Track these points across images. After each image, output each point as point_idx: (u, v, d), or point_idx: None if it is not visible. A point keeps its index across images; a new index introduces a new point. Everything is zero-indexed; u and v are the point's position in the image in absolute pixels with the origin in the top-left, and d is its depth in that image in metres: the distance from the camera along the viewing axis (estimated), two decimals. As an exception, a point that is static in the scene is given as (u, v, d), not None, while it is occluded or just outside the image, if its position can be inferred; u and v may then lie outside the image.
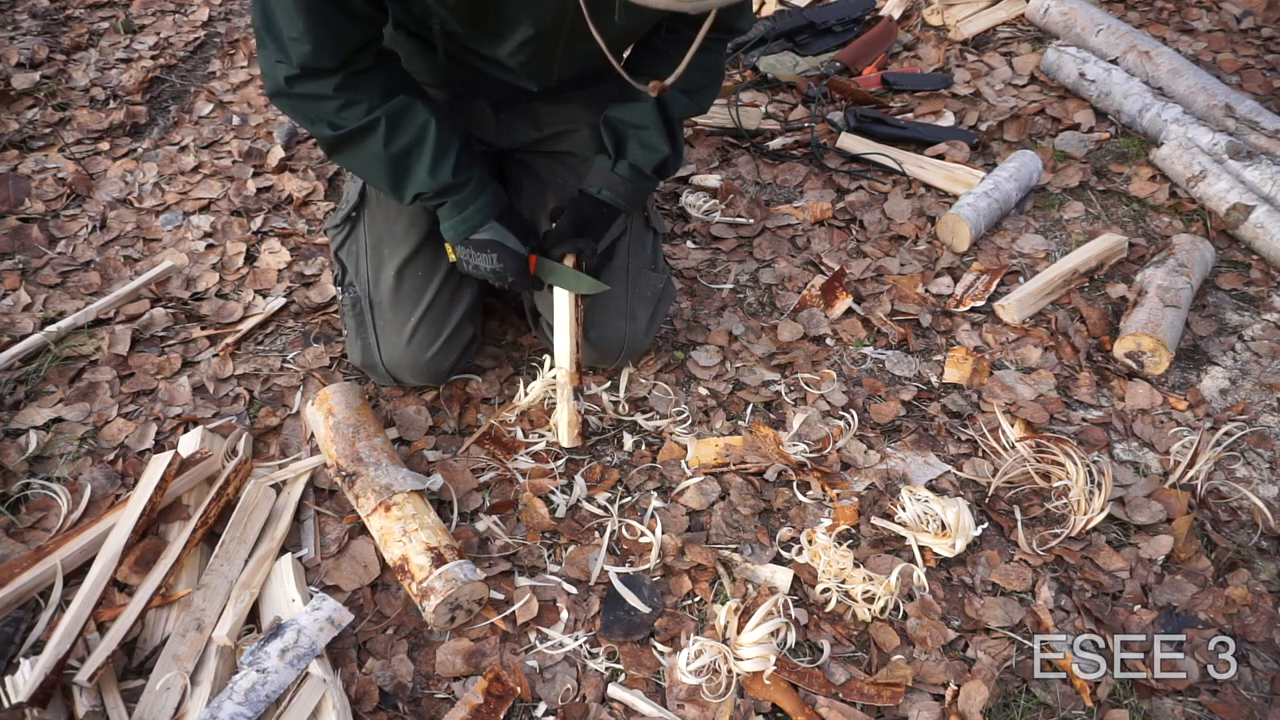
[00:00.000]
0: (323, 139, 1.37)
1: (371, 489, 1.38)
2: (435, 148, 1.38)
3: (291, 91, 1.30)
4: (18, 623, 1.25)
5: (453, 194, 1.42)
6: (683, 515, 1.49)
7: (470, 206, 1.44)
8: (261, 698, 1.16)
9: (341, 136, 1.34)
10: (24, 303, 1.80)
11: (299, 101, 1.33)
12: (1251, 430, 1.67)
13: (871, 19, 2.83)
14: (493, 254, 1.46)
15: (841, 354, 1.80)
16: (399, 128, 1.36)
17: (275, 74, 1.29)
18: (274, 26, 1.25)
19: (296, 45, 1.24)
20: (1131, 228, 2.14)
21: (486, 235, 1.46)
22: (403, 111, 1.37)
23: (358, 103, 1.33)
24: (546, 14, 1.30)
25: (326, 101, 1.32)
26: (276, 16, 1.23)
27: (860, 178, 2.25)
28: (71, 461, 1.51)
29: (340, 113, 1.33)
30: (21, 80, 2.41)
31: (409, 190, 1.41)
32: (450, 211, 1.44)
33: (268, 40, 1.27)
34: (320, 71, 1.28)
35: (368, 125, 1.34)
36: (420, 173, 1.39)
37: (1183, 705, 1.28)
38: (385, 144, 1.35)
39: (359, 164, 1.41)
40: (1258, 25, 2.78)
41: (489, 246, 1.46)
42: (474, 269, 1.49)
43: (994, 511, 1.52)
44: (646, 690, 1.27)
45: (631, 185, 1.56)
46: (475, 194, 1.44)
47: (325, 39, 1.24)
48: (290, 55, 1.25)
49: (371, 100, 1.34)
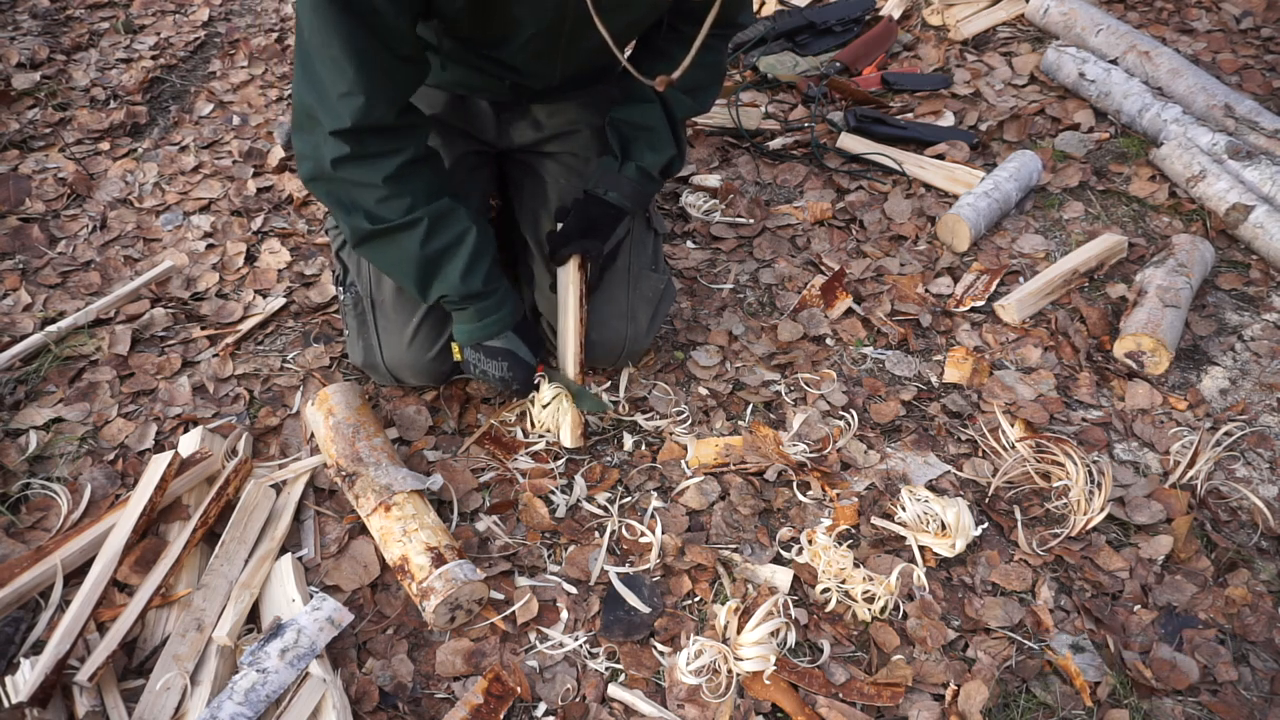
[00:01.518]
0: (356, 230, 1.32)
1: (371, 489, 1.38)
2: (472, 254, 1.37)
3: (336, 175, 1.25)
4: (18, 623, 1.25)
5: (479, 301, 1.42)
6: (683, 515, 1.49)
7: (492, 315, 1.44)
8: (261, 698, 1.16)
9: (378, 230, 1.31)
10: (24, 303, 1.80)
11: (341, 187, 1.28)
12: (1251, 430, 1.67)
13: (871, 19, 2.83)
14: (504, 362, 1.47)
15: (841, 354, 1.80)
16: (439, 230, 1.34)
17: (320, 156, 1.24)
18: (321, 90, 1.20)
19: (348, 101, 1.19)
20: (1131, 228, 2.14)
21: (500, 344, 1.47)
22: (446, 214, 1.35)
23: (401, 197, 1.29)
24: (549, 12, 1.30)
25: (370, 190, 1.28)
26: (323, 76, 1.19)
27: (860, 178, 2.25)
28: (71, 461, 1.51)
29: (381, 204, 1.29)
30: (22, 80, 2.41)
31: (435, 291, 1.40)
32: (471, 317, 1.44)
33: (316, 108, 1.21)
34: (375, 134, 1.24)
35: (409, 223, 1.31)
36: (451, 276, 1.37)
37: (1183, 705, 1.28)
38: (422, 244, 1.33)
39: (388, 260, 1.38)
40: (1257, 25, 2.78)
41: (501, 355, 1.46)
42: (480, 373, 1.50)
43: (994, 511, 1.52)
44: (646, 690, 1.27)
45: (638, 187, 1.56)
46: (499, 304, 1.44)
47: (376, 86, 1.20)
48: (343, 114, 1.20)
49: (415, 198, 1.31)
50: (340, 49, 1.17)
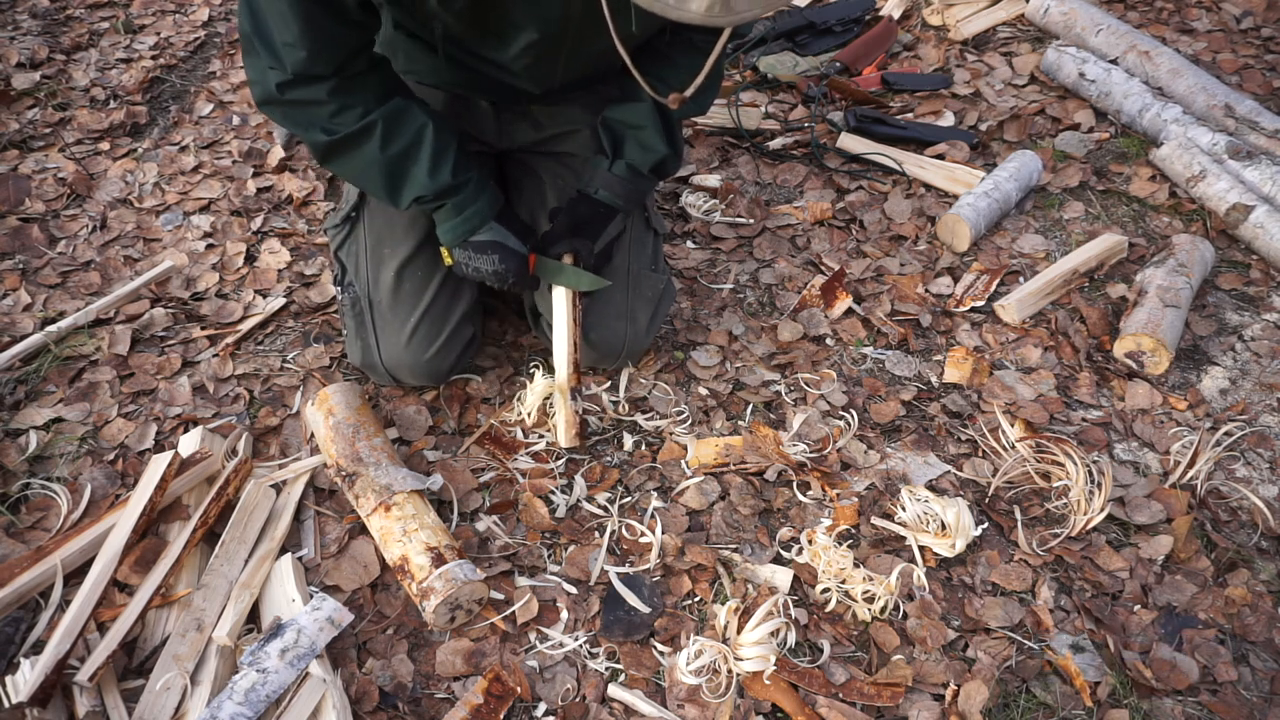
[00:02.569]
0: (316, 145, 1.35)
1: (371, 489, 1.38)
2: (433, 149, 1.37)
3: (283, 98, 1.28)
4: (18, 623, 1.25)
5: (452, 195, 1.41)
6: (683, 515, 1.49)
7: (470, 208, 1.43)
8: (261, 698, 1.16)
9: (336, 141, 1.33)
10: (24, 303, 1.80)
11: (291, 108, 1.31)
12: (1251, 430, 1.67)
13: (871, 19, 2.83)
14: (493, 255, 1.45)
15: (841, 354, 1.80)
16: (396, 130, 1.35)
17: (265, 81, 1.27)
18: (265, 32, 1.23)
19: (290, 51, 1.22)
20: (1131, 228, 2.14)
21: (486, 236, 1.45)
22: (399, 114, 1.35)
23: (352, 107, 1.31)
24: (551, 18, 1.30)
25: (320, 107, 1.30)
26: (268, 22, 1.22)
27: (860, 178, 2.25)
28: (71, 461, 1.51)
29: (334, 118, 1.31)
30: (21, 80, 2.41)
31: (407, 194, 1.39)
32: (449, 214, 1.43)
33: (258, 47, 1.24)
34: (314, 78, 1.27)
35: (363, 129, 1.32)
36: (419, 175, 1.37)
37: (1183, 705, 1.28)
38: (382, 147, 1.34)
39: (354, 170, 1.39)
40: (1258, 25, 2.78)
41: (489, 247, 1.45)
42: (473, 271, 1.47)
43: (994, 511, 1.52)
44: (646, 690, 1.27)
45: (629, 185, 1.55)
46: (474, 195, 1.43)
47: (320, 45, 1.23)
48: (284, 60, 1.23)
49: (366, 104, 1.32)
50: (287, 5, 1.19)
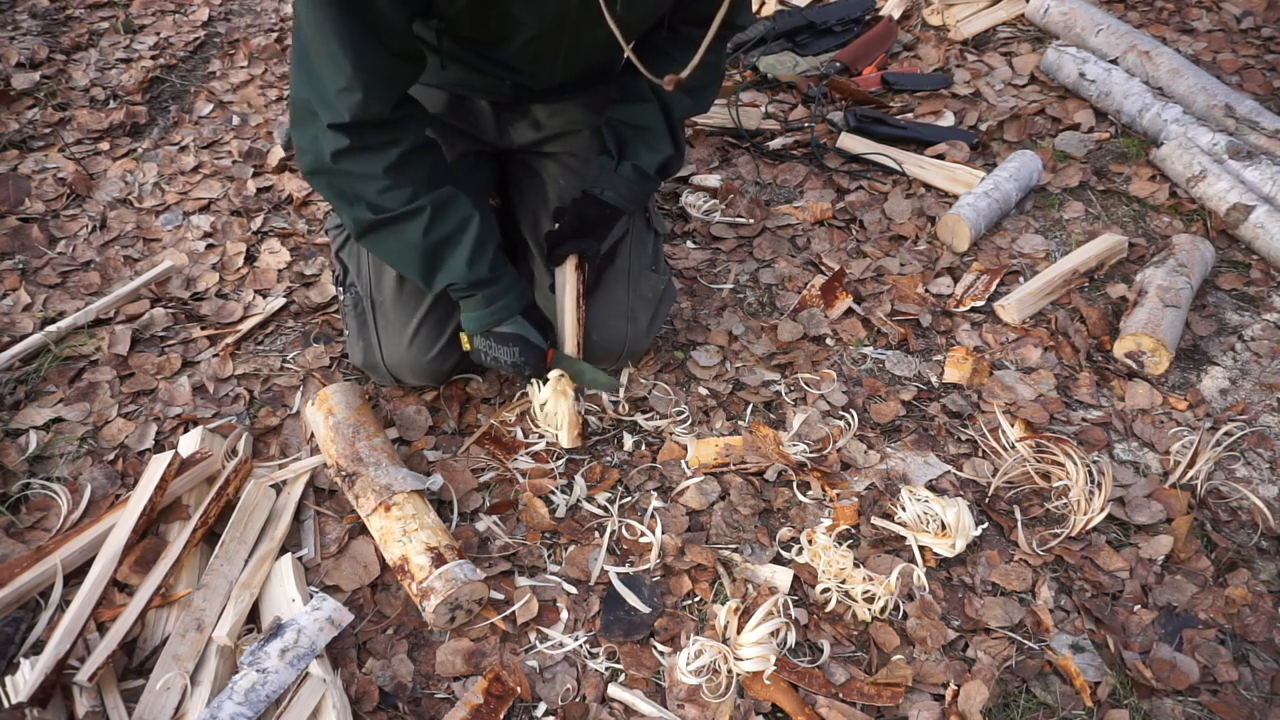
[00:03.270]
0: (358, 221, 1.33)
1: (371, 489, 1.38)
2: (476, 241, 1.37)
3: (336, 167, 1.27)
4: (18, 623, 1.25)
5: (486, 288, 1.42)
6: (683, 515, 1.49)
7: (500, 301, 1.44)
8: (261, 698, 1.16)
9: (380, 220, 1.32)
10: (24, 303, 1.80)
11: (341, 179, 1.29)
12: (1251, 430, 1.67)
13: (871, 19, 2.83)
14: (514, 347, 1.46)
15: (841, 354, 1.80)
16: (442, 218, 1.35)
17: (319, 149, 1.26)
18: (319, 86, 1.21)
19: (346, 96, 1.21)
20: (1131, 228, 2.14)
21: (510, 329, 1.46)
22: (448, 202, 1.35)
23: (402, 187, 1.30)
24: (549, 13, 1.30)
25: (372, 182, 1.29)
26: (321, 72, 1.20)
27: (860, 178, 2.25)
28: (71, 461, 1.51)
29: (383, 194, 1.30)
30: (21, 80, 2.41)
31: (441, 280, 1.40)
32: (479, 304, 1.44)
33: (314, 103, 1.23)
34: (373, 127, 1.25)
35: (411, 212, 1.32)
36: (457, 264, 1.38)
37: (1183, 705, 1.28)
38: (425, 233, 1.34)
39: (391, 249, 1.39)
40: (1258, 25, 2.78)
41: (512, 340, 1.46)
42: (491, 360, 1.49)
43: (994, 511, 1.52)
44: (646, 690, 1.27)
45: (634, 186, 1.56)
46: (506, 289, 1.44)
47: (373, 81, 1.21)
48: (340, 109, 1.21)
49: (417, 187, 1.32)
50: (338, 45, 1.17)
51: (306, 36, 1.20)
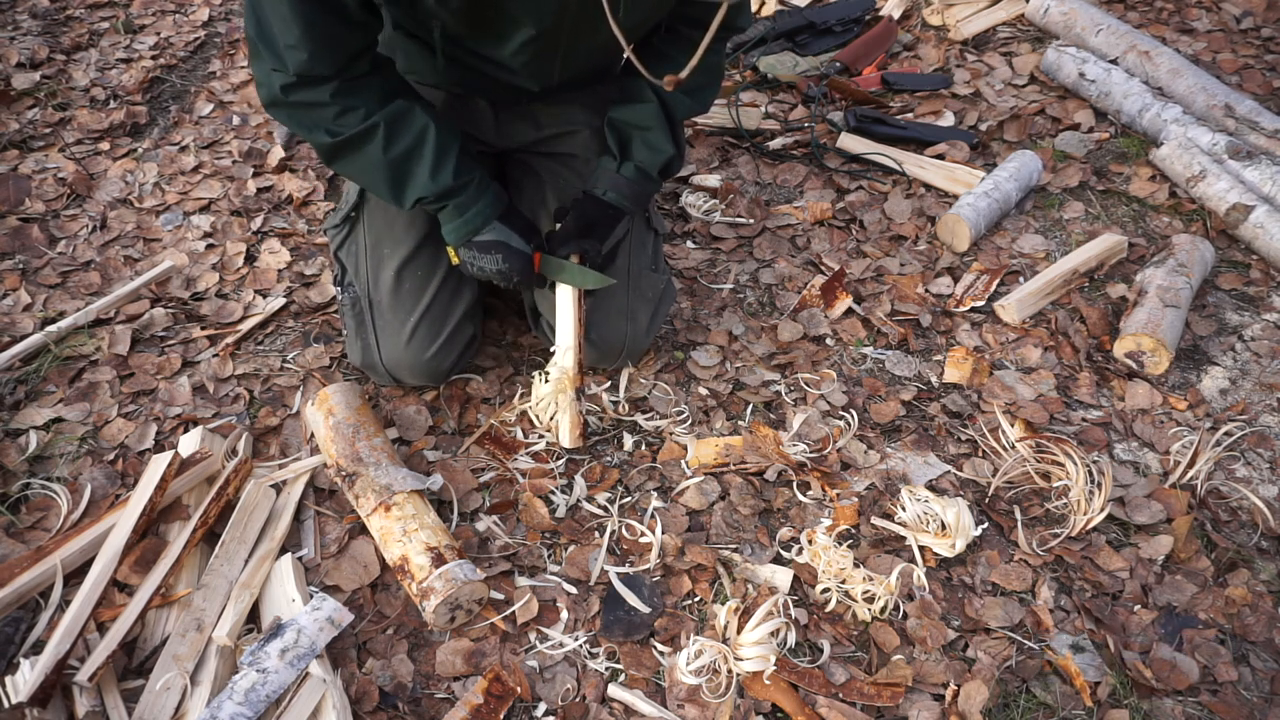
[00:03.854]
0: (321, 147, 1.36)
1: (371, 489, 1.38)
2: (436, 151, 1.37)
3: (288, 100, 1.29)
4: (18, 623, 1.25)
5: (454, 196, 1.41)
6: (683, 515, 1.49)
7: (472, 208, 1.43)
8: (261, 698, 1.16)
9: (340, 143, 1.34)
10: (24, 303, 1.80)
11: (295, 110, 1.32)
12: (1251, 430, 1.67)
13: (871, 19, 2.83)
14: (498, 254, 1.45)
15: (841, 354, 1.80)
16: (398, 132, 1.36)
17: (271, 83, 1.28)
18: (268, 35, 1.24)
19: (293, 53, 1.23)
20: (1131, 228, 2.14)
21: (490, 236, 1.46)
22: (401, 116, 1.36)
23: (355, 109, 1.32)
24: (548, 13, 1.30)
25: (323, 109, 1.31)
26: (271, 24, 1.22)
27: (860, 178, 2.25)
28: (71, 461, 1.51)
29: (338, 119, 1.32)
30: (21, 80, 2.41)
31: (410, 195, 1.40)
32: (452, 214, 1.43)
33: (262, 49, 1.25)
34: (317, 79, 1.28)
35: (366, 130, 1.33)
36: (421, 176, 1.38)
37: (1183, 705, 1.28)
38: (385, 149, 1.35)
39: (358, 170, 1.40)
40: (1258, 25, 2.78)
41: (493, 247, 1.45)
42: (478, 270, 1.48)
43: (994, 511, 1.52)
44: (646, 690, 1.27)
45: (636, 186, 1.56)
46: (477, 195, 1.43)
47: (321, 46, 1.23)
48: (286, 63, 1.24)
49: (369, 106, 1.33)
50: (288, 8, 1.20)
51: None
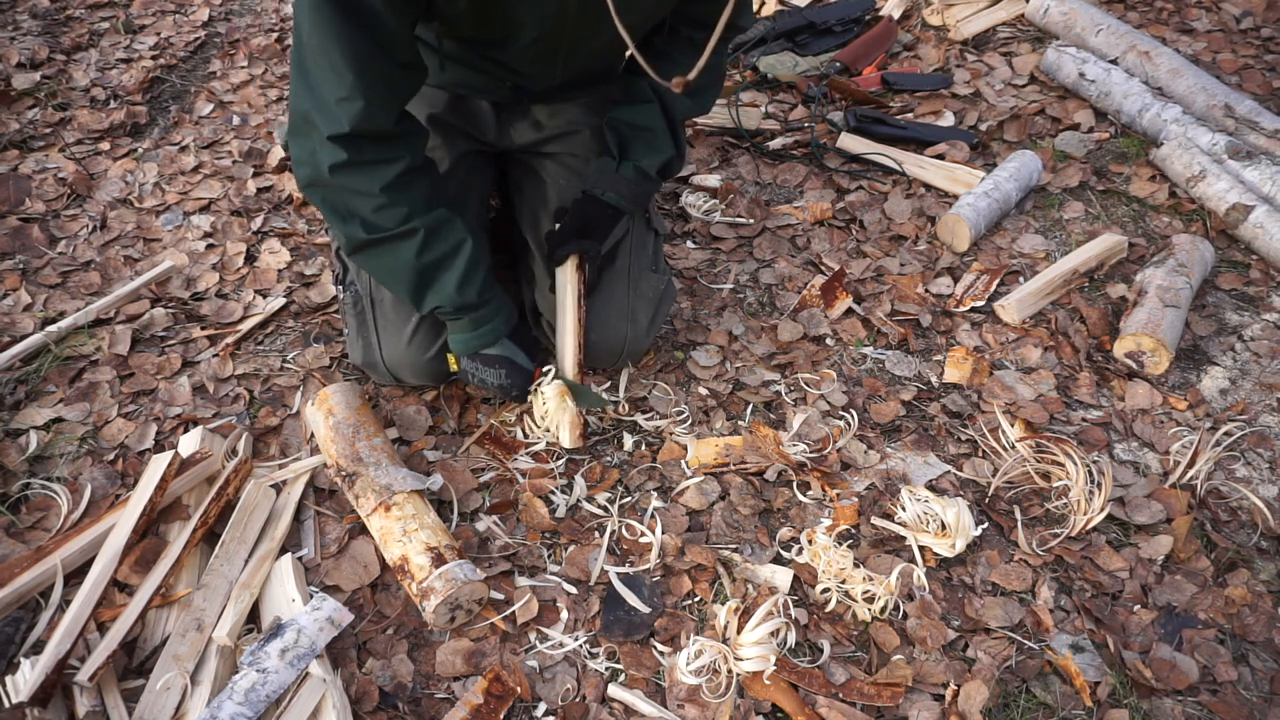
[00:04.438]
0: (351, 238, 1.32)
1: (371, 489, 1.38)
2: (467, 266, 1.38)
3: (333, 181, 1.25)
4: (18, 623, 1.25)
5: (473, 312, 1.42)
6: (683, 515, 1.49)
7: (487, 325, 1.44)
8: (261, 698, 1.16)
9: (374, 239, 1.32)
10: (24, 303, 1.80)
11: (338, 194, 1.28)
12: (1251, 430, 1.67)
13: (871, 19, 2.83)
14: (501, 369, 1.47)
15: (841, 354, 1.80)
16: (435, 241, 1.35)
17: (316, 162, 1.24)
18: (318, 95, 1.20)
19: (346, 106, 1.19)
20: (1131, 228, 2.14)
21: (496, 351, 1.47)
22: (442, 225, 1.36)
23: (398, 206, 1.30)
24: (549, 15, 1.30)
25: (368, 199, 1.28)
26: (320, 80, 1.19)
27: (860, 178, 2.25)
28: (71, 461, 1.51)
29: (377, 213, 1.30)
30: (22, 80, 2.41)
31: (430, 302, 1.40)
32: (466, 327, 1.44)
33: (313, 116, 1.21)
34: (372, 141, 1.24)
35: (405, 233, 1.32)
36: (447, 288, 1.38)
37: (1183, 705, 1.28)
38: (418, 254, 1.34)
39: (382, 267, 1.39)
40: (1258, 25, 2.78)
41: (498, 362, 1.47)
42: (478, 381, 1.49)
43: (994, 511, 1.52)
44: (646, 690, 1.27)
45: (636, 187, 1.56)
46: (494, 313, 1.45)
47: (375, 92, 1.20)
48: (341, 120, 1.20)
49: (413, 207, 1.31)
50: (339, 55, 1.17)
51: (306, 45, 1.19)
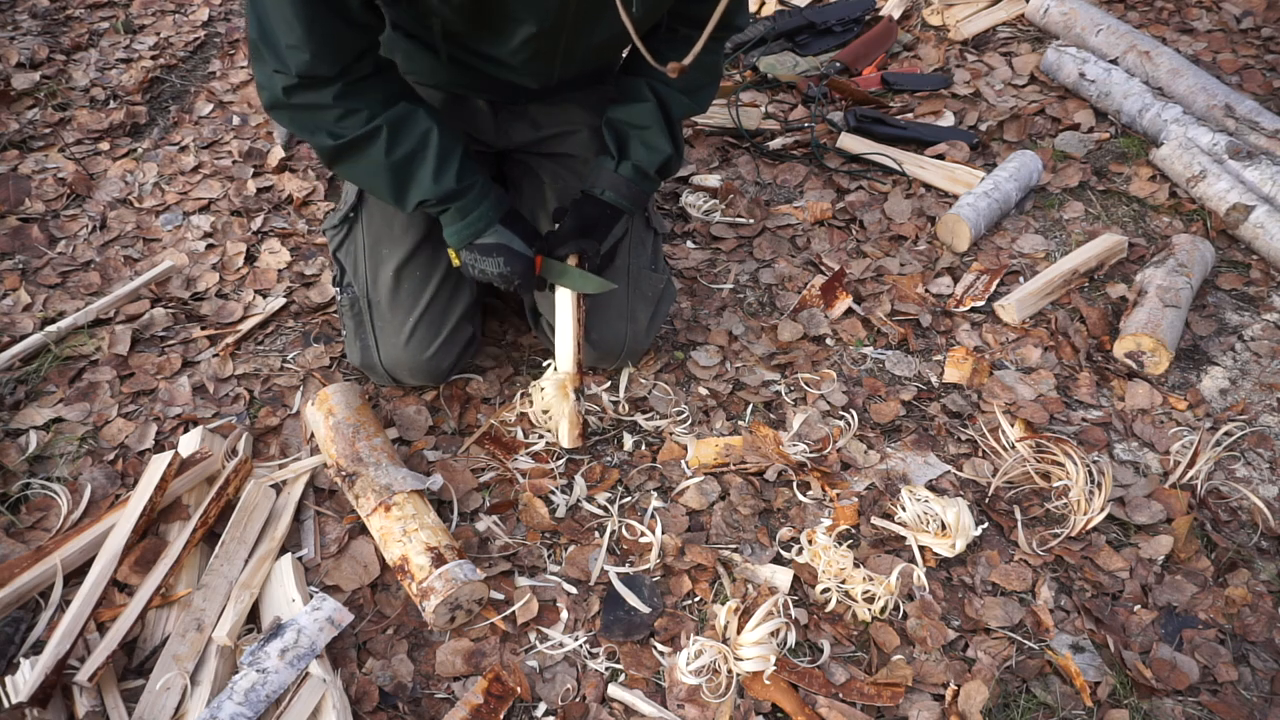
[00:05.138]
0: (322, 149, 1.35)
1: (371, 489, 1.38)
2: (438, 154, 1.37)
3: (290, 102, 1.29)
4: (18, 623, 1.25)
5: (457, 200, 1.41)
6: (683, 515, 1.49)
7: (474, 211, 1.43)
8: (261, 698, 1.16)
9: (342, 146, 1.33)
10: (24, 303, 1.80)
11: (297, 112, 1.31)
12: (1251, 430, 1.67)
13: (871, 19, 2.83)
14: (499, 257, 1.45)
15: (841, 354, 1.80)
16: (401, 135, 1.35)
17: (273, 85, 1.27)
18: (270, 36, 1.23)
19: (294, 53, 1.22)
20: (1131, 228, 2.14)
21: (492, 239, 1.45)
22: (404, 119, 1.36)
23: (357, 111, 1.31)
24: (549, 11, 1.30)
25: (326, 111, 1.30)
26: (273, 25, 1.22)
27: (860, 178, 2.25)
28: (71, 461, 1.51)
29: (340, 122, 1.31)
30: (21, 80, 2.41)
31: (412, 198, 1.40)
32: (454, 217, 1.43)
33: (264, 51, 1.25)
34: (319, 80, 1.27)
35: (369, 134, 1.33)
36: (424, 179, 1.38)
37: (1183, 705, 1.28)
38: (387, 152, 1.34)
39: (360, 173, 1.40)
40: (1258, 25, 2.78)
41: (495, 250, 1.45)
42: (480, 273, 1.48)
43: (994, 511, 1.52)
44: (646, 690, 1.27)
45: (635, 186, 1.56)
46: (479, 199, 1.43)
47: (323, 45, 1.23)
48: (288, 64, 1.24)
49: (372, 108, 1.33)
50: (291, 9, 1.19)
51: None
